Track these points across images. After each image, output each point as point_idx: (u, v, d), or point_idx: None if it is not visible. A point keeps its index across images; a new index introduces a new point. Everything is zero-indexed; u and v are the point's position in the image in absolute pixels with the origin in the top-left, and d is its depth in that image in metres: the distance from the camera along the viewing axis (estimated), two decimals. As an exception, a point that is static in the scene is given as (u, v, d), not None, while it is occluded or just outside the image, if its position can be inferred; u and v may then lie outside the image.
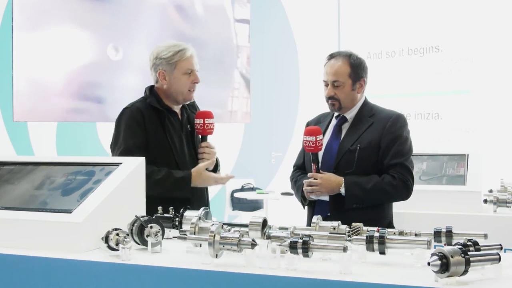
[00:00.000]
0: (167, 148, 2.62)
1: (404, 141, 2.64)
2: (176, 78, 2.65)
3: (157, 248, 1.84)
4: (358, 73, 2.69)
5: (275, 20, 7.72)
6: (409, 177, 2.61)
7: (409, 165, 2.63)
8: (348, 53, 2.73)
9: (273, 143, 7.56)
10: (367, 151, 2.61)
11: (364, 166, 2.61)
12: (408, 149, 2.65)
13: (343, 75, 2.67)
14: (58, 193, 2.08)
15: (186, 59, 2.66)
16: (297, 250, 1.60)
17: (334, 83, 2.67)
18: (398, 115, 2.70)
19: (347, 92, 2.68)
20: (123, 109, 2.69)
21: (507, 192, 3.21)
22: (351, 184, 2.58)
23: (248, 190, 6.96)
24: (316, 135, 2.61)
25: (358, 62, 2.70)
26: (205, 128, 2.69)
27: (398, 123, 2.65)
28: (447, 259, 1.40)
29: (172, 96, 2.69)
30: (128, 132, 2.59)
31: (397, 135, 2.63)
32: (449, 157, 3.52)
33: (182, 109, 2.77)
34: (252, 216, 2.08)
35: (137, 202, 2.13)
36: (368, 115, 2.70)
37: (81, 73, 6.41)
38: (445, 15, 6.33)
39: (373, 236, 1.70)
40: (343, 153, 2.64)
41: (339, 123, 2.74)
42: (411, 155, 2.68)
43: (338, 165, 2.64)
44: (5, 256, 1.85)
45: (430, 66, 6.42)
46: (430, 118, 6.39)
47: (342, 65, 2.67)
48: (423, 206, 3.18)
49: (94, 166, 2.18)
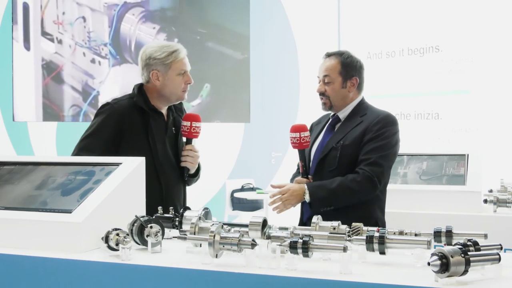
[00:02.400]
0: (146, 148, 2.60)
1: (383, 139, 2.60)
2: (170, 78, 2.65)
3: (157, 248, 1.84)
4: (349, 71, 2.72)
5: (275, 20, 7.72)
6: (378, 173, 2.55)
7: (382, 162, 2.58)
8: (342, 52, 2.78)
9: (273, 143, 7.57)
10: (349, 148, 2.61)
11: (346, 163, 2.60)
12: (386, 147, 2.61)
13: (333, 72, 2.71)
14: (58, 193, 2.08)
15: (180, 60, 2.66)
16: (297, 250, 1.60)
17: (325, 79, 2.72)
18: (386, 115, 2.69)
19: (336, 89, 2.71)
20: (106, 103, 2.69)
21: (507, 192, 3.21)
22: (314, 187, 2.59)
23: (248, 190, 6.97)
24: (301, 132, 2.64)
25: (349, 61, 2.73)
26: (192, 131, 2.68)
27: (383, 122, 2.64)
28: (447, 259, 1.40)
29: (166, 96, 2.68)
30: (96, 132, 2.60)
31: (378, 133, 2.61)
32: (449, 157, 3.51)
33: (168, 111, 2.76)
34: (252, 216, 2.07)
35: (137, 202, 2.12)
36: (360, 115, 2.71)
37: (81, 73, 6.41)
38: (445, 15, 6.33)
39: (373, 236, 1.69)
40: (328, 150, 2.66)
41: (332, 123, 2.78)
42: (392, 155, 2.64)
43: (322, 162, 2.65)
44: (5, 256, 1.84)
45: (430, 66, 6.42)
46: (430, 118, 6.39)
47: (333, 62, 2.73)
48: (423, 206, 3.18)
49: (94, 166, 2.18)
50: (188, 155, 2.70)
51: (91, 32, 6.66)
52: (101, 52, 6.69)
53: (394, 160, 2.70)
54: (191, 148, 2.71)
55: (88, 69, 6.63)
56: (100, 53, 6.69)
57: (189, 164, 2.70)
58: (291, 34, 7.73)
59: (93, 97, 6.63)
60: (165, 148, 2.68)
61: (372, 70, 6.83)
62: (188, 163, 2.70)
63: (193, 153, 2.71)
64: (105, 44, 6.72)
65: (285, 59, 7.71)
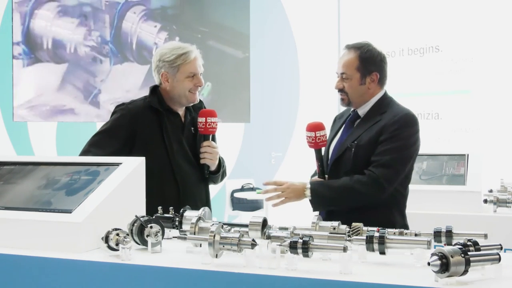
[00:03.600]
0: (162, 148, 2.60)
1: (398, 140, 2.43)
2: (179, 81, 2.63)
3: (157, 248, 1.84)
4: (368, 66, 2.54)
5: (275, 20, 7.72)
6: (386, 176, 2.39)
7: (393, 164, 2.40)
8: (362, 44, 2.59)
9: (273, 143, 7.56)
10: (363, 148, 2.45)
11: (362, 165, 2.44)
12: (401, 149, 2.44)
13: (350, 68, 2.53)
14: (58, 193, 2.08)
15: (189, 62, 2.63)
16: (297, 250, 1.60)
17: (343, 75, 2.56)
18: (405, 114, 2.51)
19: (354, 86, 2.53)
20: (121, 104, 2.70)
21: (507, 192, 3.21)
22: (316, 184, 2.49)
23: (248, 190, 6.96)
24: (316, 131, 2.54)
25: (369, 55, 2.54)
26: (207, 127, 2.65)
27: (400, 122, 2.46)
28: (447, 259, 1.40)
29: (175, 99, 2.67)
30: (108, 130, 2.62)
31: (394, 134, 2.44)
32: (449, 157, 3.51)
33: (186, 111, 2.75)
34: (252, 216, 2.07)
35: (137, 202, 2.12)
36: (379, 112, 2.52)
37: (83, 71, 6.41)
38: (445, 15, 6.33)
39: (373, 236, 1.69)
40: (343, 150, 2.51)
41: (351, 119, 2.60)
42: (406, 158, 2.47)
43: (338, 163, 2.51)
44: (5, 256, 1.84)
45: (430, 66, 6.42)
46: (430, 118, 6.39)
47: (351, 57, 2.55)
48: (423, 206, 3.17)
49: (94, 166, 2.17)
50: (206, 152, 2.66)
51: (92, 31, 6.66)
52: (102, 50, 6.69)
53: (410, 162, 2.50)
54: (209, 144, 2.67)
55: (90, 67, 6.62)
56: (101, 51, 6.68)
57: (208, 160, 2.67)
58: (291, 33, 7.72)
59: (94, 96, 6.63)
60: (182, 148, 2.65)
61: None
62: (207, 159, 2.66)
63: (211, 149, 2.67)
64: (107, 43, 6.72)
65: (285, 58, 7.70)
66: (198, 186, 2.71)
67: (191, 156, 2.68)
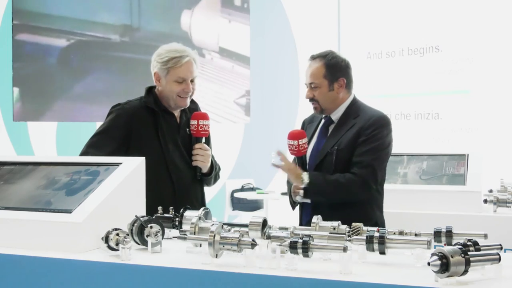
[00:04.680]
0: (157, 148, 2.60)
1: (375, 140, 2.60)
2: (167, 83, 2.63)
3: (157, 248, 1.84)
4: (334, 73, 2.68)
5: (275, 20, 7.72)
6: (371, 176, 2.57)
7: (375, 164, 2.58)
8: (326, 53, 2.72)
9: (273, 143, 7.54)
10: (345, 152, 2.60)
11: (343, 167, 2.59)
12: (379, 149, 2.61)
13: (318, 77, 2.69)
14: (59, 193, 2.08)
15: (179, 66, 2.61)
16: (297, 250, 1.60)
17: (311, 85, 2.72)
18: (379, 116, 2.67)
19: (324, 93, 2.69)
20: (117, 104, 2.70)
21: (507, 192, 3.21)
22: (313, 173, 2.63)
23: (248, 190, 6.96)
24: (299, 139, 2.65)
25: (334, 62, 2.68)
26: (199, 129, 2.66)
27: (376, 124, 2.62)
28: (447, 259, 1.40)
29: (164, 100, 2.67)
30: (105, 131, 2.62)
31: (371, 135, 2.60)
32: (449, 157, 3.51)
33: (182, 112, 2.75)
34: (252, 216, 2.07)
35: (137, 202, 2.12)
36: (353, 116, 2.68)
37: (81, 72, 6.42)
38: (445, 15, 6.33)
39: (373, 236, 1.69)
40: (324, 155, 2.65)
41: (325, 124, 2.76)
42: (384, 157, 2.65)
43: (319, 168, 2.65)
44: (5, 256, 1.84)
45: (430, 66, 6.42)
46: (430, 118, 6.39)
47: (317, 66, 2.70)
48: (423, 206, 3.18)
49: (94, 166, 2.17)
50: (198, 154, 2.68)
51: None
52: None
53: (387, 160, 2.70)
54: (201, 147, 2.69)
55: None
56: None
57: (199, 163, 2.68)
58: (291, 34, 7.73)
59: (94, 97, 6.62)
60: (178, 148, 2.66)
61: (372, 70, 6.85)
62: (199, 162, 2.68)
63: (203, 152, 2.68)
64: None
65: (285, 59, 7.70)
66: (194, 186, 2.73)
67: (187, 156, 2.69)
